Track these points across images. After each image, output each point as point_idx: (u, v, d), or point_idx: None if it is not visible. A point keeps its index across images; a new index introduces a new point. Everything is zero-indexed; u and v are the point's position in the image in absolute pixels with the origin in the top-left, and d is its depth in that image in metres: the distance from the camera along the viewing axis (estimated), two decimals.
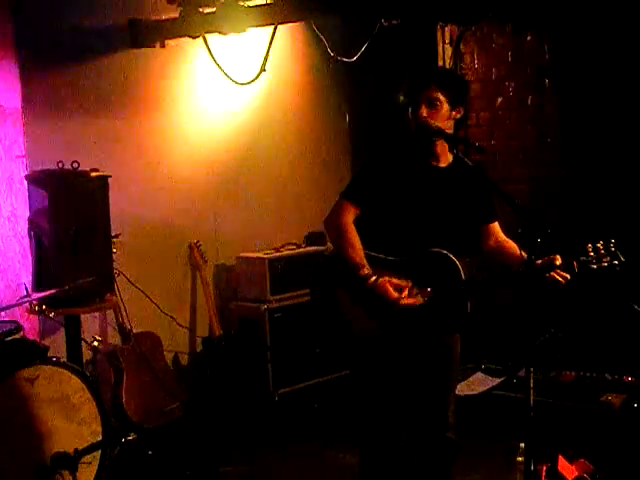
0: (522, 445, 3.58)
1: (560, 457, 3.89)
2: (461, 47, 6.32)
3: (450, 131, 3.54)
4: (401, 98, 6.14)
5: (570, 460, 3.94)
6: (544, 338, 5.20)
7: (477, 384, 5.54)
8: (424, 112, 3.50)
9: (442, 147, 3.56)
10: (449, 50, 6.32)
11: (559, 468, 3.86)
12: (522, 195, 5.75)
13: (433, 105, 3.50)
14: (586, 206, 5.66)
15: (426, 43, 6.32)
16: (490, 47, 6.20)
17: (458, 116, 3.58)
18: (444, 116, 3.52)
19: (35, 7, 4.96)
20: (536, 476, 3.69)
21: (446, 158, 3.60)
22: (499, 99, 6.17)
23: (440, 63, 6.30)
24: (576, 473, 3.92)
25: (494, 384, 5.48)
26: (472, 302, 3.48)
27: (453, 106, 3.54)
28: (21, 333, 4.43)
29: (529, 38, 5.96)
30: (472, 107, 6.25)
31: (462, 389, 5.45)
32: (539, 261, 3.33)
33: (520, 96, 6.07)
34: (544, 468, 3.83)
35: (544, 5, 5.45)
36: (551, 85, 5.90)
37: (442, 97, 3.51)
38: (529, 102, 6.02)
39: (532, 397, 3.18)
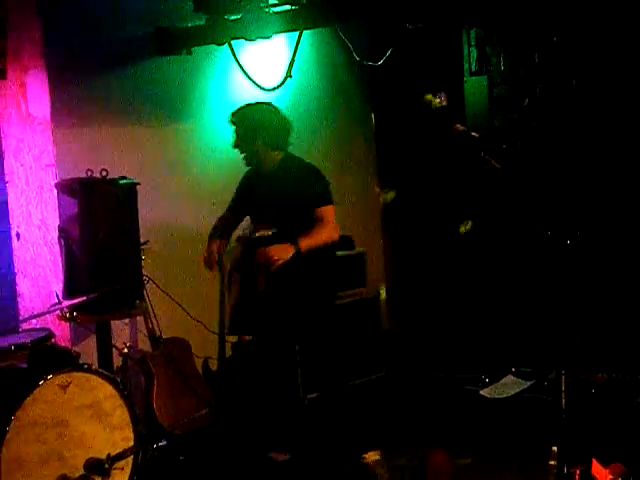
0: (555, 449, 3.55)
1: (594, 460, 3.86)
2: (487, 49, 6.30)
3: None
4: (428, 98, 6.14)
5: (604, 463, 3.91)
6: (574, 340, 5.17)
7: (507, 387, 5.51)
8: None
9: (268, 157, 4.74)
10: (475, 52, 6.30)
11: (593, 472, 3.83)
12: (550, 196, 5.71)
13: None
14: (623, 208, 5.61)
15: (452, 45, 6.31)
16: (516, 48, 6.17)
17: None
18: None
19: (64, 17, 5.01)
20: (570, 479, 3.67)
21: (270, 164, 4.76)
22: (526, 100, 6.14)
23: (466, 66, 6.29)
24: (610, 476, 3.88)
25: (525, 387, 5.45)
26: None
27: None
28: (53, 340, 4.47)
29: (555, 38, 5.92)
30: (500, 109, 6.24)
31: (492, 392, 5.42)
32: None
33: (547, 97, 6.03)
34: (577, 472, 3.80)
35: (569, 8, 5.42)
36: (578, 86, 5.86)
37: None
38: (556, 103, 5.98)
39: (564, 400, 3.16)
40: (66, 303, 4.35)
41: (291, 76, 5.70)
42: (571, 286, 3.49)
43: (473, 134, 3.65)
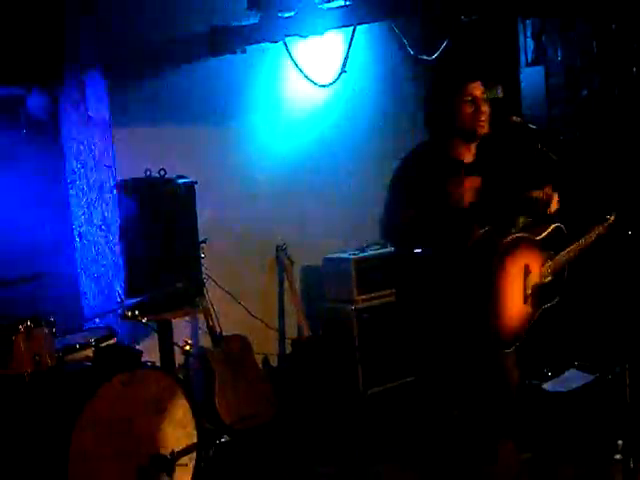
0: (620, 442, 3.50)
1: None
2: (543, 39, 6.21)
3: None
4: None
5: None
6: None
7: (570, 381, 5.44)
8: (485, 110, 3.58)
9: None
10: (531, 43, 6.22)
11: None
12: (607, 188, 5.61)
13: (486, 102, 3.59)
14: None
15: (507, 37, 6.24)
16: (573, 38, 6.07)
17: None
18: None
19: (120, 20, 5.07)
20: (636, 474, 3.61)
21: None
22: (584, 91, 6.05)
23: (522, 57, 6.21)
24: None
25: (588, 381, 5.37)
26: None
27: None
28: (116, 339, 4.53)
29: (614, 26, 5.82)
30: (557, 99, 6.15)
31: (555, 386, 5.36)
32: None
33: (606, 87, 5.93)
34: None
35: None
36: (639, 74, 5.75)
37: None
38: (616, 93, 5.88)
39: (628, 393, 3.12)
40: (128, 302, 4.41)
41: (345, 72, 5.69)
42: (635, 277, 3.44)
43: (530, 126, 3.61)
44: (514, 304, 3.54)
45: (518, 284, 3.55)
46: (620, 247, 3.41)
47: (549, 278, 3.67)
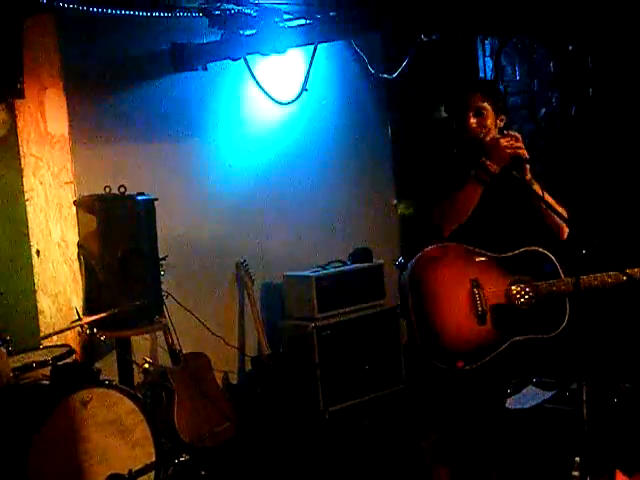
0: (578, 459, 3.53)
1: (617, 471, 3.83)
2: (502, 59, 6.29)
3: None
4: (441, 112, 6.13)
5: (628, 474, 3.88)
6: (597, 349, 5.13)
7: (529, 398, 5.48)
8: (473, 122, 3.51)
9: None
10: (490, 63, 6.29)
11: None
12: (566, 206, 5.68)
13: (480, 114, 3.51)
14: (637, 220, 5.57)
15: (467, 57, 6.31)
16: (531, 58, 6.16)
17: (501, 124, 3.61)
18: (491, 125, 3.55)
19: (81, 36, 5.05)
20: None
21: None
22: (542, 110, 6.13)
23: (481, 76, 6.28)
24: None
25: (546, 397, 5.41)
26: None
27: (497, 114, 3.58)
28: (73, 356, 4.49)
29: (571, 47, 5.91)
30: (515, 119, 6.22)
31: (513, 403, 5.39)
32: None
33: (564, 106, 6.02)
34: None
35: (584, 17, 5.40)
36: (595, 94, 5.85)
37: (488, 105, 3.53)
38: (573, 112, 5.97)
39: (586, 410, 3.14)
40: (86, 319, 4.37)
41: (307, 90, 5.71)
42: (591, 296, 3.47)
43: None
44: (460, 316, 3.45)
45: (462, 295, 3.46)
46: (575, 264, 3.44)
47: (524, 306, 3.53)
